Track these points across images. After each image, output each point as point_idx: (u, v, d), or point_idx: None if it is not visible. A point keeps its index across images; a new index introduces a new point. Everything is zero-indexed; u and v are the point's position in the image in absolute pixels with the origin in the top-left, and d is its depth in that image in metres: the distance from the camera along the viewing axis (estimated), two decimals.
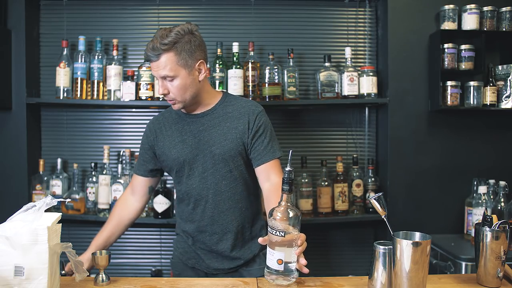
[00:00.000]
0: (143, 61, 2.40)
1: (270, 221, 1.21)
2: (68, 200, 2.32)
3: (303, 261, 1.24)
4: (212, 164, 1.55)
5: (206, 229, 1.58)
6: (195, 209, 1.59)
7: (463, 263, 1.98)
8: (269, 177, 1.55)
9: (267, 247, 1.22)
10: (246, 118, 1.56)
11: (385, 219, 1.23)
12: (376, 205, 1.22)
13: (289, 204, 1.21)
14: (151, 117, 1.70)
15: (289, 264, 1.21)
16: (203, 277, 1.59)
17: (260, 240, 1.29)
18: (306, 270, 1.24)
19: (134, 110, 2.56)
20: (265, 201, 1.56)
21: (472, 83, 2.35)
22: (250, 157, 1.58)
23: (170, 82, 1.49)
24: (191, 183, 1.57)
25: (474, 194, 2.29)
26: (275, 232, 1.19)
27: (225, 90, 2.02)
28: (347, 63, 2.44)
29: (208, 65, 2.34)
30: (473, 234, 1.75)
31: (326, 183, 2.42)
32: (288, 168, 1.20)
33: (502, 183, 2.16)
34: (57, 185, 2.39)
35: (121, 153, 2.44)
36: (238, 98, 1.67)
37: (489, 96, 2.34)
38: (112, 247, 2.51)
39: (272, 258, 1.20)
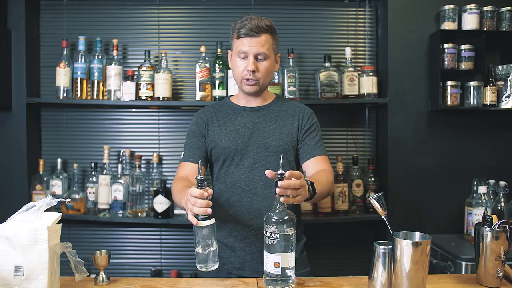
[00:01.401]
0: (143, 61, 2.40)
1: (265, 225, 1.20)
2: (68, 200, 2.32)
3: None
4: (265, 156, 1.55)
5: (252, 223, 1.53)
6: (241, 201, 1.54)
7: (463, 263, 1.98)
8: (319, 168, 1.56)
9: (264, 251, 1.21)
10: (301, 116, 1.63)
11: (385, 219, 1.23)
12: (376, 205, 1.22)
13: (283, 207, 1.21)
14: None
15: (286, 270, 1.19)
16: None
17: (267, 172, 1.22)
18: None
19: (134, 110, 2.56)
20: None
21: (472, 83, 2.35)
22: (300, 152, 1.61)
23: (260, 62, 1.54)
24: (239, 173, 1.55)
25: (474, 194, 2.29)
26: (270, 235, 1.18)
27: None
28: (347, 63, 2.44)
29: (208, 64, 2.35)
30: (473, 234, 1.75)
31: None
32: (280, 171, 1.19)
33: (502, 183, 2.16)
34: (57, 185, 2.39)
35: (121, 153, 2.45)
36: (291, 100, 1.77)
37: (489, 96, 2.34)
38: (112, 247, 2.54)
39: (269, 262, 1.19)
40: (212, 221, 1.22)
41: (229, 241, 1.57)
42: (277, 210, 1.20)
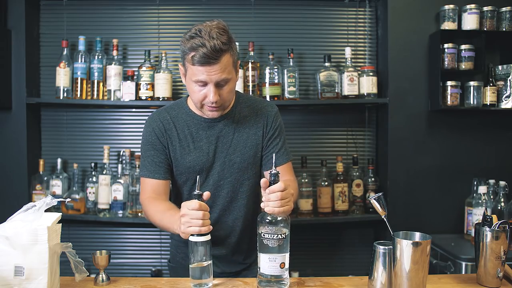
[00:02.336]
0: (143, 61, 2.40)
1: (264, 227, 1.18)
2: (68, 200, 2.32)
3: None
4: (230, 173, 1.48)
5: (219, 233, 1.50)
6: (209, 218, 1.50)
7: (463, 263, 1.98)
8: (283, 178, 1.49)
9: (262, 254, 1.18)
10: (264, 121, 1.51)
11: (385, 219, 1.23)
12: (376, 205, 1.22)
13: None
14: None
15: (286, 271, 1.21)
16: None
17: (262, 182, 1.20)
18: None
19: (134, 110, 2.56)
20: None
21: (472, 83, 2.35)
22: (263, 160, 1.53)
23: (222, 87, 1.34)
24: (204, 190, 1.44)
25: (474, 194, 2.29)
26: (275, 236, 1.16)
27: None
28: (347, 63, 2.44)
29: None
30: (473, 234, 1.75)
31: (326, 183, 2.42)
32: (273, 171, 1.18)
33: (502, 183, 2.16)
34: (57, 185, 2.39)
35: (121, 153, 2.45)
36: (251, 97, 1.59)
37: (489, 96, 2.34)
38: (112, 247, 2.54)
39: (272, 264, 1.17)
40: (208, 237, 1.22)
41: None
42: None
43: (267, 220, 1.18)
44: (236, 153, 1.48)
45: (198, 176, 1.26)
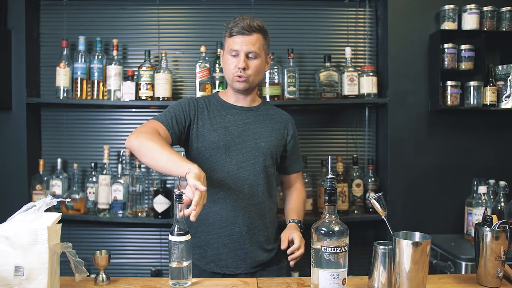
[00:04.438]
0: (143, 61, 2.40)
1: (323, 240, 1.07)
2: (68, 200, 2.32)
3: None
4: (254, 156, 1.58)
5: (237, 220, 1.55)
6: (227, 198, 1.55)
7: (463, 263, 1.97)
8: (296, 183, 1.80)
9: (319, 269, 1.08)
10: (288, 124, 1.71)
11: (385, 219, 1.24)
12: (376, 205, 1.22)
13: (333, 216, 1.12)
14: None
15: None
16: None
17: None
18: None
19: (134, 110, 2.56)
20: (289, 200, 1.78)
21: (472, 83, 2.35)
22: (284, 162, 1.73)
23: (251, 60, 1.56)
24: (227, 170, 1.55)
25: (474, 194, 2.29)
26: (337, 250, 1.06)
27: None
28: (347, 63, 2.44)
29: (208, 64, 2.35)
30: (473, 234, 1.75)
31: None
32: (330, 176, 1.10)
33: (502, 183, 2.16)
34: (57, 185, 2.39)
35: (121, 153, 2.45)
36: (275, 106, 1.78)
37: (489, 96, 2.34)
38: (112, 247, 2.54)
39: (337, 280, 1.06)
40: (188, 237, 1.22)
41: (212, 238, 1.57)
42: (327, 221, 1.11)
43: (323, 232, 1.08)
44: (261, 138, 1.60)
45: (179, 177, 1.28)
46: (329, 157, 1.20)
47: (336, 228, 1.09)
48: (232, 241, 1.56)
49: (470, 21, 2.33)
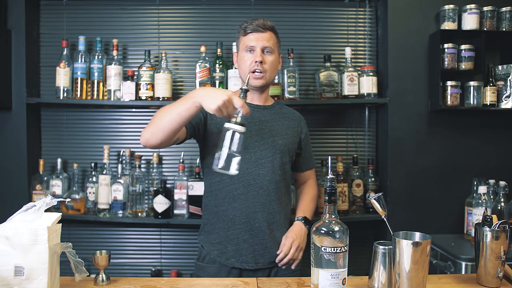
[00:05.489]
0: (143, 61, 2.40)
1: (323, 240, 1.07)
2: (68, 200, 2.32)
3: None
4: (272, 153, 1.62)
5: (256, 215, 1.59)
6: (247, 194, 1.58)
7: (463, 263, 1.97)
8: (309, 180, 1.85)
9: (319, 269, 1.07)
10: (301, 123, 1.77)
11: (385, 219, 1.24)
12: (376, 205, 1.22)
13: (333, 216, 1.11)
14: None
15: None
16: (242, 276, 1.57)
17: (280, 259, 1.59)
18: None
19: (134, 110, 2.56)
20: (299, 198, 1.84)
21: (472, 83, 2.35)
22: (298, 159, 1.77)
23: (267, 55, 1.61)
24: (246, 166, 1.57)
25: (474, 194, 2.29)
26: (337, 250, 1.05)
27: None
28: (347, 63, 2.44)
29: (208, 64, 2.35)
30: (473, 234, 1.75)
31: None
32: (330, 176, 1.10)
33: (502, 183, 2.16)
34: (57, 185, 2.39)
35: (121, 153, 2.45)
36: (287, 106, 1.83)
37: (489, 96, 2.34)
38: (112, 247, 2.54)
39: (337, 280, 1.05)
40: (245, 129, 1.28)
41: (232, 233, 1.60)
42: (327, 221, 1.10)
43: (323, 232, 1.07)
44: (278, 135, 1.66)
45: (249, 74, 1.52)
46: (329, 157, 1.20)
47: (336, 228, 1.09)
48: (252, 237, 1.59)
49: (470, 21, 2.33)
